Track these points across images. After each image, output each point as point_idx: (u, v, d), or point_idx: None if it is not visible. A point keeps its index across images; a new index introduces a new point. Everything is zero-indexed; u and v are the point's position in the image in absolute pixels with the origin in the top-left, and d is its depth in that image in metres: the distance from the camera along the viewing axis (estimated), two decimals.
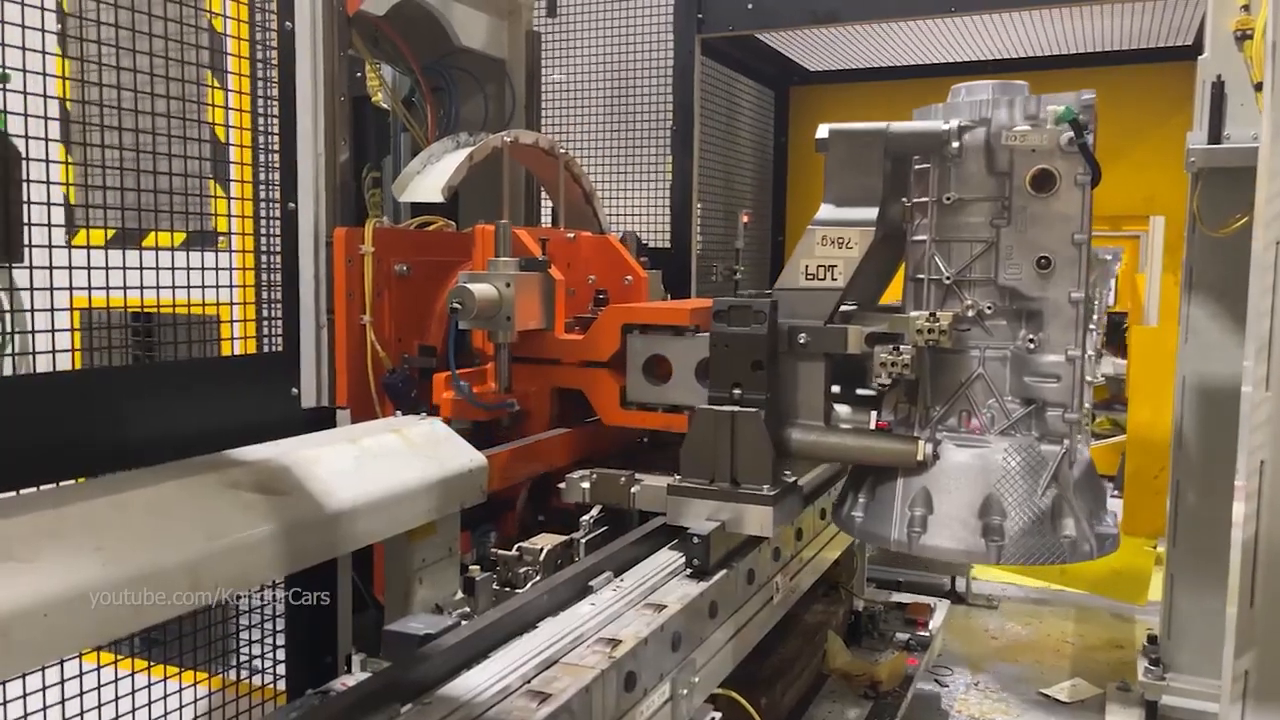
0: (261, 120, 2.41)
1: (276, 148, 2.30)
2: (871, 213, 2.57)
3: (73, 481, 1.97)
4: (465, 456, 2.46)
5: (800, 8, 4.41)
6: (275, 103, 2.32)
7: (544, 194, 4.14)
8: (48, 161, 2.17)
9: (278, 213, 2.33)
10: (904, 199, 2.57)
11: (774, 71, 5.71)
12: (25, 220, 2.13)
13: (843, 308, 2.64)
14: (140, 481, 1.83)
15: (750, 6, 4.46)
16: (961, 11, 4.24)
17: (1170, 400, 3.80)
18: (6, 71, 1.88)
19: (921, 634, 4.27)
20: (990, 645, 5.37)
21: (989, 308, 2.46)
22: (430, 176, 3.12)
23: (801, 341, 2.62)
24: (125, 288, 2.22)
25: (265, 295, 2.37)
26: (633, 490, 2.92)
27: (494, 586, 2.48)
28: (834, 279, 2.60)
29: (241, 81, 2.32)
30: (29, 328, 2.19)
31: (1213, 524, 3.59)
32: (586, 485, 2.96)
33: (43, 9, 1.99)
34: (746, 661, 2.68)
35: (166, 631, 2.54)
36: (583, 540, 2.71)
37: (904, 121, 2.50)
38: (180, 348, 2.40)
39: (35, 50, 1.98)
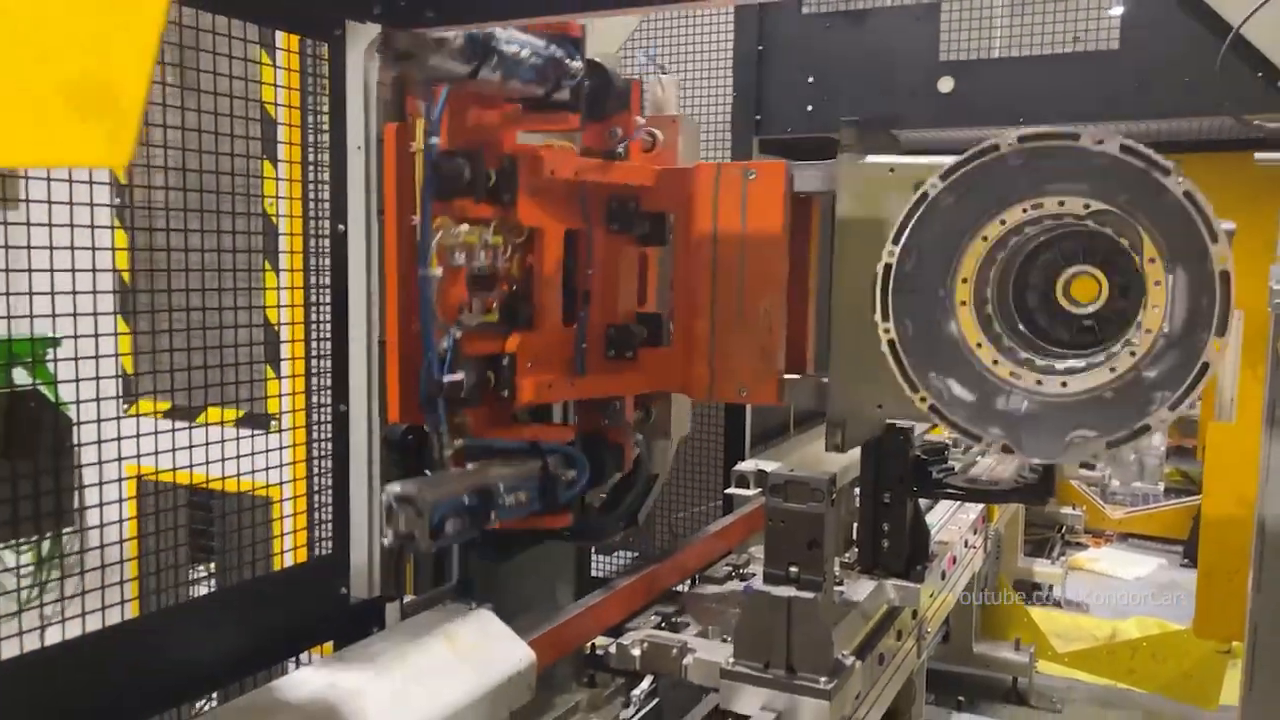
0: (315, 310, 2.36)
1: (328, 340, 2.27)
2: None
3: None
4: (515, 656, 2.41)
5: (861, 112, 4.28)
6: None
7: None
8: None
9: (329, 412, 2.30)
10: None
11: None
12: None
13: None
14: None
15: (810, 109, 4.36)
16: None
17: (1248, 498, 3.60)
18: (58, 337, 1.87)
19: None
20: None
21: None
22: None
23: None
24: (188, 465, 2.18)
25: (318, 492, 2.34)
26: (685, 662, 2.86)
27: None
28: None
29: (294, 277, 2.30)
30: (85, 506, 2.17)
31: None
32: (637, 653, 2.90)
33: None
34: None
35: None
36: None
37: None
38: (236, 534, 2.37)
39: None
